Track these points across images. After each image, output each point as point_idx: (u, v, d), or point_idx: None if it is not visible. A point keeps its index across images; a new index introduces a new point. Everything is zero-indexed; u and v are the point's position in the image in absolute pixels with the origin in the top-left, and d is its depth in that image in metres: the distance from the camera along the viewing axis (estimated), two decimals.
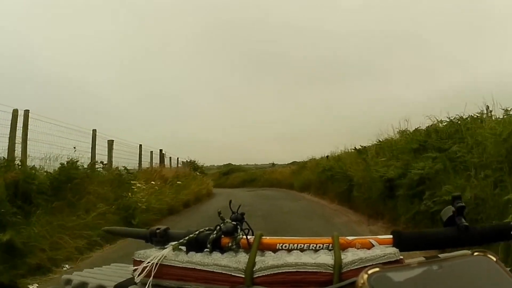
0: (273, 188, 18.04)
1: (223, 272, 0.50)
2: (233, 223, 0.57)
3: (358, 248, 0.52)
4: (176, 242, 0.56)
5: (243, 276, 0.49)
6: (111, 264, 0.72)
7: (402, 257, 0.49)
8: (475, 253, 0.46)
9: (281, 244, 0.54)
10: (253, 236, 0.55)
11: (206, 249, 0.55)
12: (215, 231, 0.56)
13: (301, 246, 0.53)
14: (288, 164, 23.73)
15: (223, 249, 0.55)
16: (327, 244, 0.53)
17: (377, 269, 0.43)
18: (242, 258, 0.51)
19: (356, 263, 0.48)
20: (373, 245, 0.52)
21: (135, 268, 0.53)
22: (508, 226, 0.52)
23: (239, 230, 0.56)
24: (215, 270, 0.50)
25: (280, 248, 0.54)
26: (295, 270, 0.48)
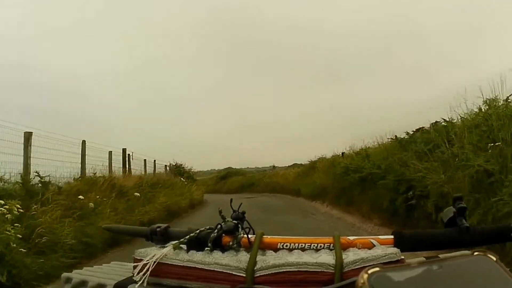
0: (275, 195, 15.48)
1: (224, 271, 0.50)
2: (234, 222, 0.57)
3: (359, 248, 0.52)
4: (177, 241, 0.56)
5: (244, 275, 0.49)
6: (111, 263, 0.72)
7: (403, 257, 0.49)
8: (475, 253, 0.46)
9: (282, 244, 0.54)
10: (254, 235, 0.55)
11: (207, 248, 0.55)
12: (216, 230, 0.56)
13: (302, 245, 0.53)
14: (289, 166, 21.74)
15: (224, 248, 0.55)
16: (328, 244, 0.53)
17: (377, 268, 0.43)
18: (243, 257, 0.51)
19: (357, 263, 0.48)
20: (374, 245, 0.52)
21: (135, 266, 0.53)
22: (509, 227, 0.52)
23: (240, 229, 0.56)
24: (216, 269, 0.50)
25: (281, 247, 0.54)
26: (296, 269, 0.48)
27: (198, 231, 0.57)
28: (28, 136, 5.64)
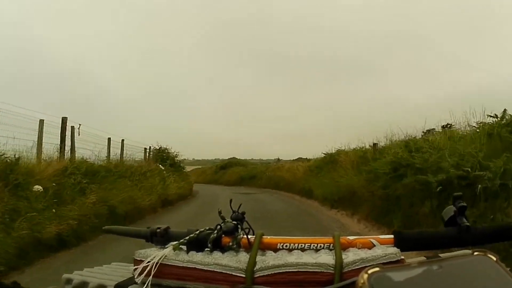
0: (278, 193, 12.93)
1: (223, 271, 0.50)
2: (233, 222, 0.57)
3: (359, 248, 0.52)
4: (177, 241, 0.56)
5: (244, 275, 0.49)
6: (112, 263, 0.72)
7: (403, 257, 0.49)
8: (476, 253, 0.46)
9: (282, 244, 0.54)
10: (254, 236, 0.55)
11: (206, 249, 0.55)
12: (216, 231, 0.56)
13: (302, 245, 0.53)
14: (294, 160, 19.25)
15: (223, 249, 0.55)
16: (328, 244, 0.53)
17: (377, 269, 0.43)
18: (243, 257, 0.51)
19: (357, 263, 0.48)
20: (374, 245, 0.52)
21: (136, 267, 0.53)
22: (510, 226, 0.52)
23: (239, 230, 0.56)
24: (215, 270, 0.50)
25: (281, 247, 0.54)
26: (296, 270, 0.48)
27: (198, 231, 0.57)
28: None
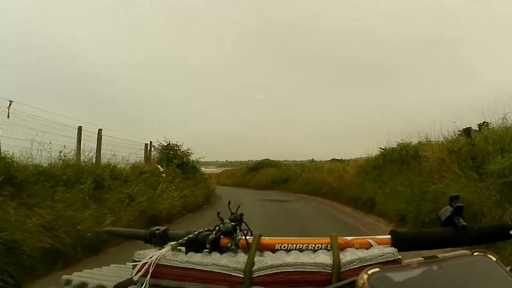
0: (319, 201, 9.72)
1: (222, 272, 0.50)
2: (232, 223, 0.57)
3: (356, 248, 0.52)
4: (175, 242, 0.56)
5: (242, 276, 0.49)
6: (111, 265, 0.72)
7: (400, 257, 0.48)
8: (475, 253, 0.46)
9: (280, 245, 0.54)
10: (252, 237, 0.55)
11: (205, 250, 0.55)
12: (214, 232, 0.56)
13: (299, 246, 0.53)
14: (328, 161, 16.25)
15: (222, 250, 0.55)
16: (326, 244, 0.53)
17: (377, 269, 0.43)
18: (241, 258, 0.51)
19: (354, 263, 0.47)
20: (372, 245, 0.52)
21: (134, 267, 0.53)
22: (507, 226, 0.52)
23: (238, 231, 0.56)
24: (214, 270, 0.50)
25: (279, 248, 0.54)
26: (294, 270, 0.48)
27: (196, 232, 0.57)
28: None
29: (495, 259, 0.45)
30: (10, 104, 5.21)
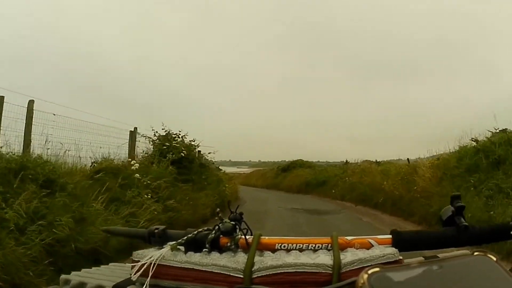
0: (378, 218, 7.12)
1: (221, 272, 0.49)
2: (231, 223, 0.56)
3: (357, 248, 0.52)
4: (175, 242, 0.56)
5: (242, 276, 0.49)
6: (110, 264, 0.72)
7: (401, 257, 0.48)
8: (475, 253, 0.46)
9: (280, 244, 0.53)
10: (252, 236, 0.55)
11: (204, 249, 0.55)
12: (214, 231, 0.56)
13: (300, 246, 0.53)
14: (361, 162, 13.72)
15: (221, 249, 0.55)
16: (326, 244, 0.52)
17: (377, 269, 0.43)
18: (241, 258, 0.51)
19: (355, 263, 0.47)
20: (372, 245, 0.52)
21: (133, 267, 0.53)
22: (508, 226, 0.52)
23: (237, 230, 0.56)
24: (213, 270, 0.50)
25: (279, 248, 0.53)
26: (294, 270, 0.48)
27: (195, 232, 0.57)
28: None
29: (495, 259, 0.45)
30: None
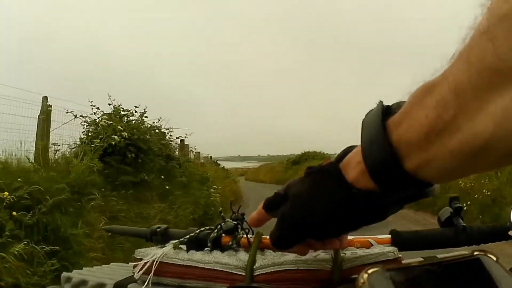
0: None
1: (223, 270, 0.50)
2: (233, 222, 0.57)
3: (357, 247, 0.52)
4: (177, 240, 0.57)
5: (243, 274, 0.49)
6: (111, 263, 0.72)
7: (400, 256, 0.49)
8: (475, 253, 0.46)
9: None
10: (254, 235, 0.55)
11: (206, 248, 0.55)
12: (216, 230, 0.56)
13: None
14: None
15: (223, 248, 0.55)
16: None
17: (377, 268, 0.43)
18: (243, 256, 0.51)
19: (355, 262, 0.48)
20: (372, 245, 0.52)
21: (135, 265, 0.53)
22: (506, 226, 0.52)
23: (239, 229, 0.57)
24: (215, 268, 0.50)
25: None
26: (295, 268, 0.48)
27: (198, 231, 0.57)
28: None
29: (495, 259, 0.45)
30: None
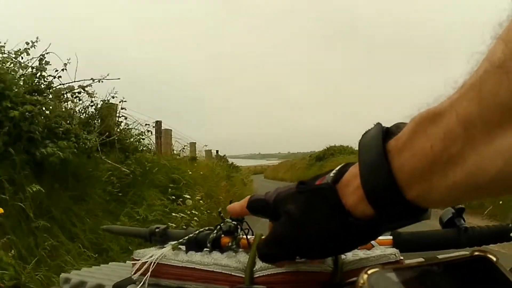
0: None
1: (223, 271, 0.50)
2: (233, 222, 0.57)
3: (358, 249, 0.52)
4: (176, 241, 0.56)
5: (243, 275, 0.49)
6: (110, 263, 0.72)
7: (402, 258, 0.49)
8: (475, 253, 0.46)
9: None
10: (253, 236, 0.55)
11: (205, 249, 0.55)
12: (215, 231, 0.56)
13: None
14: None
15: (223, 249, 0.55)
16: None
17: (377, 269, 0.43)
18: (242, 257, 0.51)
19: (356, 264, 0.48)
20: (373, 246, 0.52)
21: (134, 265, 0.53)
22: (508, 227, 0.52)
23: (239, 230, 0.56)
24: (215, 270, 0.50)
25: None
26: (296, 270, 0.48)
27: (197, 231, 0.57)
28: None
29: (495, 260, 0.45)
30: None
